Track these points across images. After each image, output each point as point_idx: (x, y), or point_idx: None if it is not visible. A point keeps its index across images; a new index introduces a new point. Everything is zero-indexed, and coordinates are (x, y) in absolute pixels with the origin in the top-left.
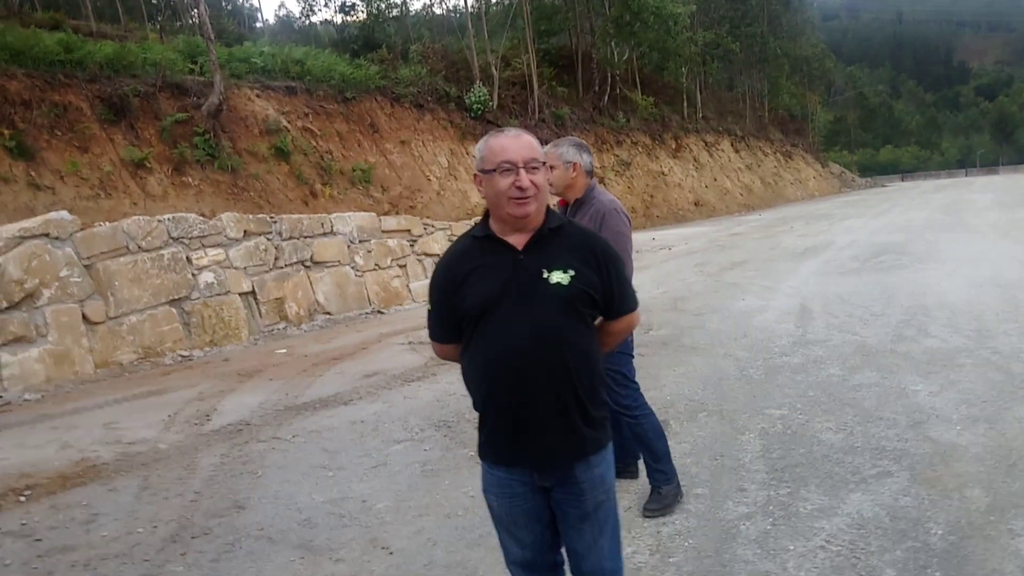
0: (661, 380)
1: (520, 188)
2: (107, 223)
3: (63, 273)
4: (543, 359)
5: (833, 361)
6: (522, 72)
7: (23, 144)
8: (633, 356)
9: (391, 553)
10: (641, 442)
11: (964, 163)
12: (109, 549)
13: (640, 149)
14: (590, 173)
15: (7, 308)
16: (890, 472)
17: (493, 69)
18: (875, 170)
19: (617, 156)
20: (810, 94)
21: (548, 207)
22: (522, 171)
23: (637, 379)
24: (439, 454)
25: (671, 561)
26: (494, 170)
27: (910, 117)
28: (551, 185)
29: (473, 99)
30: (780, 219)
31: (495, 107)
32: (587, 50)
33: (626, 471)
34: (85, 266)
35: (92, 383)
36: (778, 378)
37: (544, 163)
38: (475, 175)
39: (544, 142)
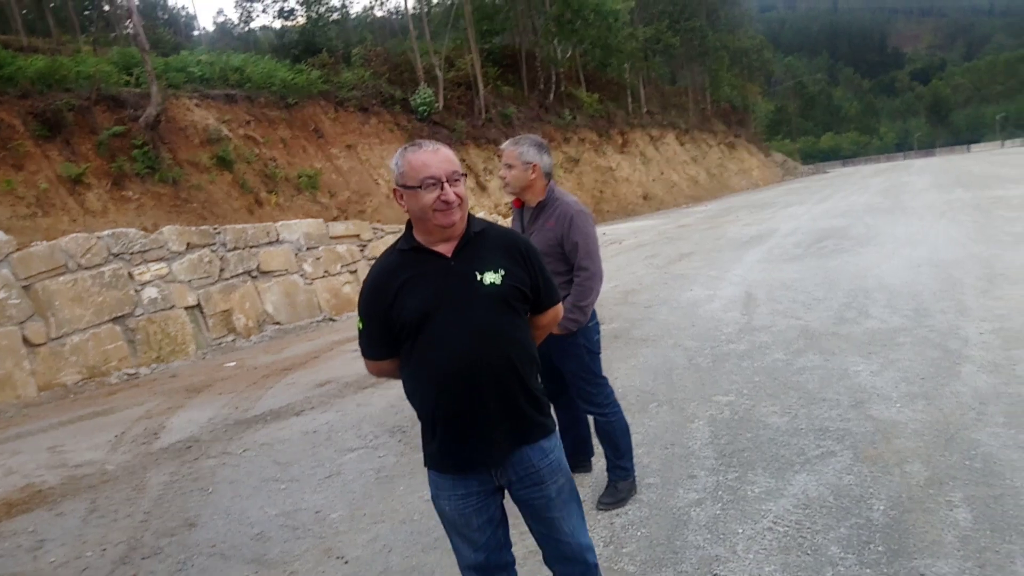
0: (613, 373)
1: (446, 202)
2: (45, 242)
3: (0, 295)
4: (488, 358)
5: (777, 346)
6: (467, 73)
7: None
8: (599, 353)
9: (346, 562)
10: (608, 439)
11: (902, 147)
12: (57, 575)
13: (587, 146)
14: (549, 175)
15: None
16: (833, 452)
17: (437, 70)
18: (817, 157)
19: (565, 153)
20: (750, 85)
21: (469, 214)
22: (446, 185)
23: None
24: (393, 460)
25: (624, 551)
26: (418, 186)
27: (848, 104)
28: (507, 185)
29: (419, 101)
30: (726, 209)
31: (441, 108)
32: (531, 49)
33: (580, 466)
34: (23, 287)
35: (36, 406)
36: (725, 365)
37: (464, 174)
38: (395, 190)
39: (493, 143)
